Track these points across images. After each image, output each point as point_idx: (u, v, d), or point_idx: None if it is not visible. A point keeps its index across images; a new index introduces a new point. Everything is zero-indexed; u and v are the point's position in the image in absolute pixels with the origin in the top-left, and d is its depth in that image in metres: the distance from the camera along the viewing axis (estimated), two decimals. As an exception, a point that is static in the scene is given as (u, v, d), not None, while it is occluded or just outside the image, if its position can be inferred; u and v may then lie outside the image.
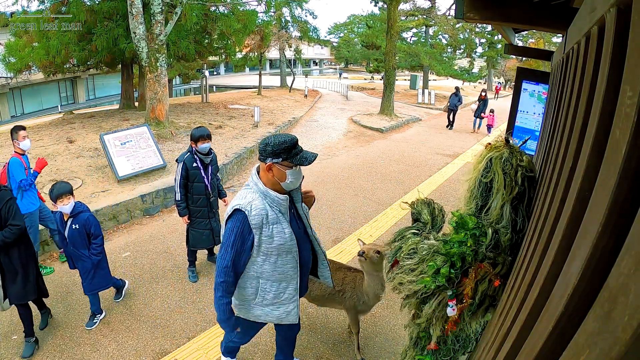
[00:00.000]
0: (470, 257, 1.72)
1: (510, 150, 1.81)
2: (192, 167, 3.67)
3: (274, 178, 1.94)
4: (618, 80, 0.69)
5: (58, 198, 3.00)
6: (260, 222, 1.93)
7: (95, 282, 3.25)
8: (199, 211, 3.80)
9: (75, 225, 3.09)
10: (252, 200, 1.94)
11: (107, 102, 23.41)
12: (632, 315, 0.42)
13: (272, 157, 1.88)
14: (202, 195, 3.76)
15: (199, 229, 3.84)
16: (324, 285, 2.89)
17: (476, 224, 1.77)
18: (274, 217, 1.96)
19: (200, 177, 3.72)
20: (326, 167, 7.91)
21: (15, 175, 3.80)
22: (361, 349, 3.06)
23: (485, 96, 12.48)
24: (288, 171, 1.91)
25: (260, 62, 20.05)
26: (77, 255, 3.16)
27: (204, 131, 3.72)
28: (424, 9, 21.24)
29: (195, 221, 3.82)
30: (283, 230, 1.98)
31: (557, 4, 2.23)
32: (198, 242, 3.90)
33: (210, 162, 3.81)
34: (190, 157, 3.68)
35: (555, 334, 0.72)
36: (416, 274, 1.83)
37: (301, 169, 1.99)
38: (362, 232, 5.09)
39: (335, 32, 38.14)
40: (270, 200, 1.96)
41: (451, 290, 1.75)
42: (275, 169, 1.91)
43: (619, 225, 0.59)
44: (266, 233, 1.96)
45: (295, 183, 1.99)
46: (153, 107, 8.59)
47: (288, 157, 1.88)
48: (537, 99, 3.94)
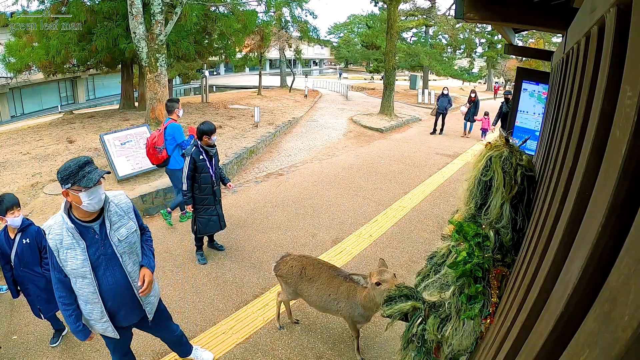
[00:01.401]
0: (487, 263, 1.71)
1: (510, 149, 1.80)
2: (200, 159, 4.02)
3: (74, 202, 1.94)
4: (618, 80, 0.69)
5: (8, 210, 2.75)
6: (55, 245, 1.96)
7: (51, 302, 2.94)
8: (206, 199, 4.13)
9: (25, 240, 2.83)
10: (54, 224, 1.98)
11: (107, 102, 23.42)
12: (632, 315, 0.42)
13: (62, 183, 1.89)
14: (209, 184, 4.10)
15: (207, 215, 4.19)
16: (321, 292, 2.91)
17: (476, 231, 1.77)
18: (69, 242, 1.97)
19: (207, 168, 4.06)
20: (326, 167, 7.91)
21: (176, 136, 4.82)
22: (361, 350, 3.06)
23: (476, 97, 11.30)
24: (81, 194, 1.89)
25: (260, 62, 20.05)
26: (28, 276, 2.86)
27: (211, 126, 4.03)
28: (424, 9, 21.25)
29: (203, 208, 4.16)
30: (76, 255, 1.98)
31: (557, 4, 2.23)
32: (206, 227, 4.23)
33: (215, 153, 4.16)
34: (197, 151, 4.02)
35: (555, 334, 0.72)
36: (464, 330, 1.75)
37: (99, 188, 1.95)
38: (362, 232, 5.09)
39: (335, 32, 38.19)
40: (66, 226, 1.96)
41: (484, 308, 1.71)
42: (71, 195, 1.91)
43: (619, 225, 0.59)
44: (61, 256, 1.98)
45: (95, 205, 1.96)
46: (153, 107, 8.59)
47: (75, 181, 1.87)
48: (537, 99, 3.94)
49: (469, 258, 1.72)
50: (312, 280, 2.96)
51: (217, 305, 3.62)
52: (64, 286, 2.07)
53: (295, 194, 6.35)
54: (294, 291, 3.08)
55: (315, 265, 3.03)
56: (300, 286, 3.02)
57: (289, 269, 3.07)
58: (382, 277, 2.49)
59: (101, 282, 2.08)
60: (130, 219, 2.17)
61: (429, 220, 5.55)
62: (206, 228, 4.22)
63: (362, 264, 4.33)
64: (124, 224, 2.13)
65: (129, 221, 2.16)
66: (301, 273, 3.01)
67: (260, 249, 4.61)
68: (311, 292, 2.96)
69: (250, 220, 5.40)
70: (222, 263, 4.32)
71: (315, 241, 4.83)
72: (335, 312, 2.92)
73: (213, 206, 4.20)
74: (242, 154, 7.84)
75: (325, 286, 2.90)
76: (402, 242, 4.87)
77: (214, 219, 4.23)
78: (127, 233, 2.13)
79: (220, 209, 4.30)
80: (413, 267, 4.21)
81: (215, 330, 3.30)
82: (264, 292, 3.83)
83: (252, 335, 3.24)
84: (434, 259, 2.14)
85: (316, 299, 2.95)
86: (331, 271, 2.95)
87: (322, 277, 2.94)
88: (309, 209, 5.77)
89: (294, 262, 3.09)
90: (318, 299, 2.93)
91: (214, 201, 4.20)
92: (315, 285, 2.94)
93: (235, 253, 4.54)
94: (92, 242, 2.03)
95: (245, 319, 3.45)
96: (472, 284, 1.70)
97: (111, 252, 2.07)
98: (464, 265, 1.71)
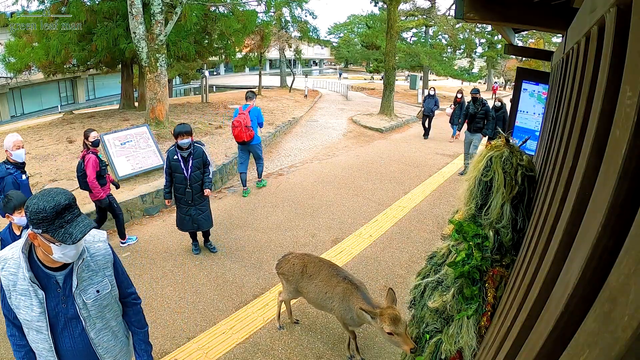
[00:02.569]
0: (485, 265, 1.71)
1: (510, 149, 1.81)
2: (173, 159, 4.12)
3: (41, 248, 1.50)
4: (618, 80, 0.69)
5: (16, 209, 2.69)
6: (7, 286, 1.55)
7: None
8: (180, 198, 4.26)
9: None
10: (9, 258, 1.55)
11: (107, 102, 23.41)
12: (632, 315, 0.42)
13: (31, 225, 1.44)
14: (182, 185, 4.19)
15: (182, 213, 4.32)
16: (319, 289, 2.93)
17: (475, 232, 1.77)
18: (24, 288, 1.54)
19: (181, 168, 4.13)
20: (326, 167, 7.91)
21: (260, 117, 6.13)
22: (361, 350, 3.06)
23: (462, 98, 10.12)
24: (54, 246, 1.44)
25: (260, 62, 20.06)
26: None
27: (184, 128, 4.07)
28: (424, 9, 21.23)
29: (180, 206, 4.32)
30: (32, 306, 1.55)
31: (557, 4, 2.23)
32: (180, 224, 4.38)
33: (189, 155, 4.13)
34: (172, 150, 4.15)
35: (555, 334, 0.72)
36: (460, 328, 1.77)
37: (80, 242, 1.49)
38: (362, 232, 5.09)
39: (335, 32, 38.17)
40: (23, 271, 1.52)
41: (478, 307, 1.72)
42: (39, 240, 1.46)
43: (619, 225, 0.59)
44: (14, 302, 1.56)
45: (69, 258, 1.51)
46: (153, 107, 8.59)
47: (49, 230, 1.41)
48: (537, 99, 3.94)
49: (467, 259, 1.73)
50: (312, 277, 2.99)
51: (217, 305, 3.62)
52: (15, 326, 1.65)
53: (295, 194, 6.35)
54: (295, 289, 3.09)
55: (317, 263, 3.05)
56: (300, 284, 3.03)
57: (291, 266, 3.09)
58: (396, 329, 2.26)
59: (59, 341, 1.64)
60: (105, 277, 1.68)
61: (429, 220, 5.55)
62: (180, 225, 4.37)
63: (362, 264, 4.33)
64: (97, 282, 1.65)
65: (103, 279, 1.67)
66: (302, 270, 3.03)
67: (260, 249, 4.61)
68: (309, 288, 2.98)
69: (250, 220, 5.40)
70: (222, 263, 4.32)
71: (315, 241, 4.83)
72: (330, 310, 2.93)
73: (187, 206, 4.25)
74: (242, 154, 7.83)
75: (323, 284, 2.92)
76: (402, 242, 4.87)
77: (187, 218, 4.28)
78: (97, 296, 1.65)
79: (194, 211, 4.27)
80: (413, 267, 4.21)
81: (215, 330, 3.30)
82: (264, 292, 3.83)
83: (252, 335, 3.24)
84: (434, 259, 2.14)
85: (313, 295, 2.97)
86: (331, 270, 2.96)
87: (321, 274, 2.97)
88: (309, 209, 5.77)
89: (295, 260, 3.12)
90: (315, 295, 2.96)
91: (188, 202, 4.22)
92: (314, 282, 2.96)
93: (235, 253, 4.54)
94: (54, 294, 1.58)
95: (245, 319, 3.45)
96: (470, 285, 1.71)
97: (73, 313, 1.62)
98: (462, 267, 1.72)
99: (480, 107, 7.45)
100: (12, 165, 3.57)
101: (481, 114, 7.37)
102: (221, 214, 5.54)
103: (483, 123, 7.35)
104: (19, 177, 3.58)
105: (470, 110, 7.69)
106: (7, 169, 3.53)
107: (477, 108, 7.39)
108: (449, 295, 1.82)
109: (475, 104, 7.45)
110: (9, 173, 3.51)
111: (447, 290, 1.86)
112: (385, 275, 4.13)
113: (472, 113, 7.39)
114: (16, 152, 3.60)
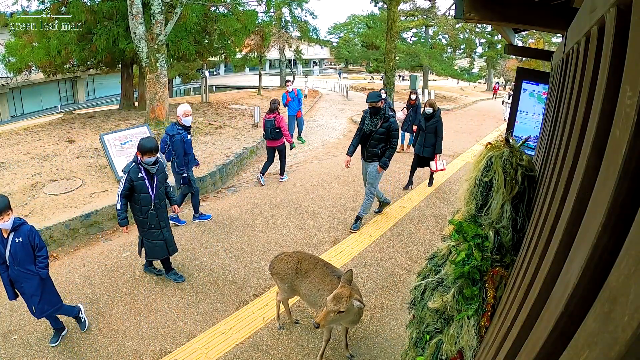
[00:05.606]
0: (485, 265, 1.71)
1: (510, 149, 1.81)
2: (137, 177, 3.58)
3: None
4: (618, 80, 0.69)
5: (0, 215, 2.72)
6: None
7: (45, 303, 2.98)
8: (145, 222, 3.69)
9: (18, 239, 2.82)
10: None
11: (107, 102, 23.42)
12: (632, 315, 0.42)
13: None
14: (149, 206, 3.66)
15: (152, 239, 3.77)
16: (312, 286, 2.95)
17: (475, 232, 1.77)
18: None
19: (146, 187, 3.62)
20: (326, 167, 7.91)
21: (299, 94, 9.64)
22: (361, 350, 3.06)
23: (416, 101, 8.46)
24: None
25: (260, 62, 20.06)
26: (23, 275, 2.87)
27: (153, 143, 3.57)
28: (423, 9, 21.24)
29: (147, 232, 3.74)
30: None
31: (557, 4, 2.23)
32: (153, 253, 3.82)
33: (157, 171, 3.69)
34: (135, 168, 3.59)
35: (555, 334, 0.72)
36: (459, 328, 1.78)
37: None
38: (362, 232, 5.09)
39: (335, 32, 38.17)
40: None
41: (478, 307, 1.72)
42: None
43: (619, 225, 0.59)
44: None
45: None
46: (153, 107, 8.59)
47: None
48: (537, 99, 3.94)
49: (467, 260, 1.73)
50: (306, 275, 3.01)
51: (217, 305, 3.62)
52: None
53: (295, 194, 6.35)
54: (290, 287, 3.10)
55: (311, 261, 3.07)
56: (295, 281, 3.05)
57: (284, 265, 3.10)
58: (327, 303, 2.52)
59: None
60: None
61: (429, 220, 5.55)
62: (153, 253, 3.83)
63: (362, 264, 4.33)
64: None
65: None
66: (297, 268, 3.05)
67: (260, 249, 4.61)
68: (303, 286, 3.00)
69: (250, 220, 5.40)
70: (222, 263, 4.32)
71: (315, 241, 4.83)
72: (320, 307, 2.94)
73: (159, 230, 3.75)
74: (242, 153, 7.84)
75: (316, 281, 2.94)
76: (402, 242, 4.87)
77: (159, 244, 3.78)
78: None
79: (167, 233, 3.84)
80: (413, 267, 4.21)
81: (215, 330, 3.30)
82: (264, 292, 3.83)
83: (252, 335, 3.24)
84: (434, 259, 2.14)
85: (307, 292, 2.99)
86: (325, 268, 2.98)
87: (315, 272, 2.99)
88: (309, 209, 5.77)
89: (288, 258, 3.13)
90: (308, 292, 2.97)
91: (158, 225, 3.74)
92: (308, 280, 2.98)
93: (235, 253, 4.54)
94: None
95: (245, 319, 3.45)
96: (470, 285, 1.71)
97: None
98: (462, 267, 1.72)
99: (380, 122, 4.78)
100: (181, 127, 4.81)
101: (380, 133, 4.81)
102: (221, 214, 5.54)
103: (383, 147, 4.86)
104: (185, 137, 4.82)
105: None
106: (177, 129, 4.77)
107: (376, 124, 4.81)
108: (449, 296, 1.82)
109: (373, 118, 4.81)
110: (178, 132, 4.74)
111: (447, 290, 1.86)
112: (385, 275, 4.13)
113: (367, 132, 4.88)
114: (185, 118, 4.83)
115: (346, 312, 2.47)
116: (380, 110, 4.78)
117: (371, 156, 4.96)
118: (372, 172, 5.00)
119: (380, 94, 4.94)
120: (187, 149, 4.81)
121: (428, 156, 6.51)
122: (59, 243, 4.68)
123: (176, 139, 4.68)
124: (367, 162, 5.05)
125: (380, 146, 4.86)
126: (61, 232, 4.69)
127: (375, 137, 4.83)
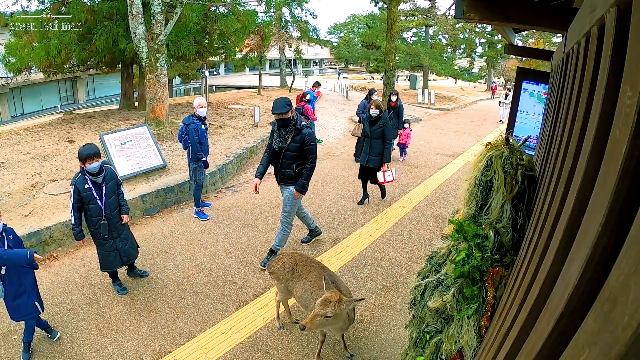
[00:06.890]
0: (485, 265, 1.71)
1: (510, 149, 1.81)
2: (84, 189, 3.41)
3: None
4: (618, 80, 0.69)
5: None
6: None
7: (25, 305, 2.97)
8: (96, 233, 3.56)
9: (10, 236, 2.94)
10: None
11: (107, 102, 23.41)
12: (632, 315, 0.42)
13: None
14: (99, 217, 3.50)
15: (105, 250, 3.63)
16: (306, 288, 2.95)
17: (475, 232, 1.77)
18: None
19: (94, 198, 3.45)
20: (326, 167, 7.91)
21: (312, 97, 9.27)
22: (361, 350, 3.06)
23: (397, 102, 7.57)
24: None
25: (260, 62, 20.06)
26: (23, 270, 2.92)
27: (91, 149, 3.38)
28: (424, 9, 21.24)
29: (100, 242, 3.60)
30: None
31: (557, 4, 2.23)
32: (107, 264, 3.68)
33: (104, 180, 3.50)
34: (81, 179, 3.42)
35: (555, 334, 0.72)
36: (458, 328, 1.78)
37: None
38: (362, 232, 5.09)
39: (335, 32, 38.15)
40: None
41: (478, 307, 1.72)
42: None
43: (619, 225, 0.59)
44: None
45: None
46: (153, 107, 8.59)
47: None
48: (537, 99, 3.94)
49: (467, 259, 1.73)
50: (301, 277, 3.01)
51: (217, 305, 3.62)
52: None
53: (295, 194, 6.34)
54: (286, 287, 3.10)
55: (307, 263, 3.08)
56: (290, 282, 3.05)
57: (281, 265, 3.12)
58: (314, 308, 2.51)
59: None
60: None
61: (429, 220, 5.55)
62: (108, 264, 3.66)
63: (362, 264, 4.33)
64: None
65: None
66: (292, 269, 3.06)
67: (260, 249, 4.61)
68: (297, 287, 3.00)
69: (250, 220, 5.40)
70: (222, 263, 4.32)
71: (315, 241, 4.83)
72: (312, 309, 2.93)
73: (111, 240, 3.59)
74: (242, 153, 7.84)
75: (310, 284, 2.94)
76: (402, 242, 4.87)
77: (112, 254, 3.62)
78: None
79: (121, 243, 3.66)
80: (413, 267, 4.21)
81: (215, 330, 3.30)
82: (264, 292, 3.83)
83: (252, 335, 3.24)
84: (434, 259, 2.14)
85: (300, 295, 2.98)
86: (321, 272, 2.96)
87: (311, 275, 2.98)
88: (309, 209, 5.76)
89: (286, 259, 3.15)
90: (302, 295, 2.97)
91: (111, 235, 3.58)
92: (303, 282, 2.98)
93: (235, 253, 4.54)
94: None
95: (245, 319, 3.45)
96: (470, 285, 1.71)
97: None
98: (462, 267, 1.72)
99: (290, 135, 3.93)
100: (196, 118, 5.26)
101: (292, 149, 3.97)
102: (221, 214, 5.55)
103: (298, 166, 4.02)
104: (199, 126, 5.26)
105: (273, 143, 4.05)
106: (192, 119, 5.23)
107: (286, 139, 3.96)
108: (449, 295, 1.82)
109: (282, 132, 3.96)
110: (193, 122, 5.20)
111: (447, 290, 1.86)
112: (385, 275, 4.13)
113: (277, 149, 4.04)
114: (200, 109, 5.30)
115: (333, 317, 2.42)
116: (290, 121, 3.89)
117: (285, 179, 4.10)
118: (287, 197, 4.15)
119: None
120: (201, 137, 5.27)
121: (374, 166, 5.62)
122: (59, 243, 4.69)
123: (190, 127, 5.15)
124: (282, 185, 4.22)
125: (295, 165, 4.01)
126: (61, 232, 4.69)
127: (287, 155, 3.99)
